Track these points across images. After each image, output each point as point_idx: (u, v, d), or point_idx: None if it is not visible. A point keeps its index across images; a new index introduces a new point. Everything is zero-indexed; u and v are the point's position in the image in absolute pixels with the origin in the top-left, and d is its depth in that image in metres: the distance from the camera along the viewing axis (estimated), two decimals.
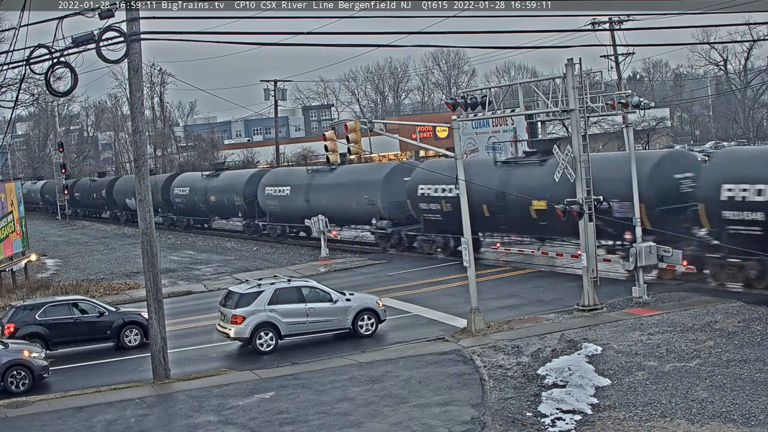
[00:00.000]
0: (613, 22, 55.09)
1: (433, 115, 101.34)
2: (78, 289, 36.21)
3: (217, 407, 18.95)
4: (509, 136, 50.54)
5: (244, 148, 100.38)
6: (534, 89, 27.28)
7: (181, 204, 62.48)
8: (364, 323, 25.12)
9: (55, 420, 19.02)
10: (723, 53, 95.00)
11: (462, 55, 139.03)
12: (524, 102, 27.18)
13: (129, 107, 29.60)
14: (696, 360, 19.24)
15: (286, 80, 75.92)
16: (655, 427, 15.54)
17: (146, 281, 22.08)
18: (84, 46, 19.97)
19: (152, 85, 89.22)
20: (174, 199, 63.02)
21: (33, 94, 47.96)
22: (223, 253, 48.22)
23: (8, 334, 24.83)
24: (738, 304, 24.31)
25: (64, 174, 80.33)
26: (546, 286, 30.79)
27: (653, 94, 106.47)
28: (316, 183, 46.84)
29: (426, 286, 32.87)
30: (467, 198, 25.03)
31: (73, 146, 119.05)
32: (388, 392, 18.99)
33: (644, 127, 73.06)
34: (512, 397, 18.05)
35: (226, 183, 56.68)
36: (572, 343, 21.31)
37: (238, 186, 54.41)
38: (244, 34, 29.62)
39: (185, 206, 61.94)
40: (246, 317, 23.96)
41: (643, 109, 27.14)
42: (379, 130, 28.01)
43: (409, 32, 23.64)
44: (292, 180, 49.65)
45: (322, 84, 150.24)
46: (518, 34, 50.25)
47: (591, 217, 25.40)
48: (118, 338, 26.06)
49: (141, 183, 22.04)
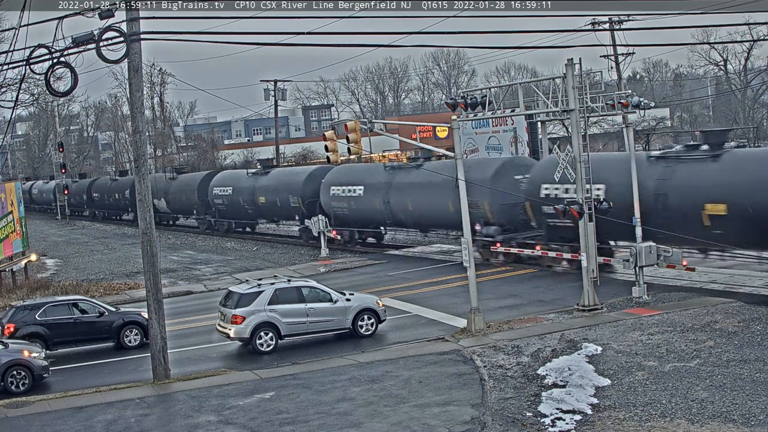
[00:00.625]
0: (613, 22, 55.09)
1: (433, 115, 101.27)
2: (78, 289, 36.22)
3: (217, 407, 18.95)
4: (509, 136, 50.52)
5: (244, 148, 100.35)
6: (534, 89, 27.29)
7: (221, 205, 56.92)
8: (364, 323, 25.13)
9: (55, 420, 19.02)
10: (723, 53, 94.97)
11: (462, 55, 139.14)
12: (524, 102, 27.19)
13: (129, 107, 29.62)
14: (696, 360, 19.23)
15: (286, 80, 75.96)
16: (655, 427, 15.54)
17: (146, 281, 22.07)
18: (84, 46, 19.97)
19: (152, 85, 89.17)
20: (213, 200, 57.55)
21: (33, 94, 47.97)
22: (223, 253, 48.22)
23: (8, 334, 24.84)
24: (738, 304, 24.32)
25: (63, 174, 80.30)
26: (546, 286, 30.79)
27: (653, 94, 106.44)
28: (398, 182, 41.55)
29: (426, 286, 32.88)
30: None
31: (73, 146, 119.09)
32: (388, 392, 18.99)
33: (644, 127, 73.05)
34: (512, 397, 18.04)
35: (278, 182, 50.84)
36: (572, 343, 21.31)
37: (295, 185, 48.75)
38: (244, 34, 29.62)
39: (227, 208, 56.39)
40: (246, 317, 23.96)
41: (643, 109, 27.18)
42: (379, 130, 28.01)
43: (409, 32, 23.66)
44: (366, 178, 44.13)
45: (322, 84, 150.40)
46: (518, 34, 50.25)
47: (591, 217, 25.41)
48: (118, 338, 26.07)
49: (141, 183, 22.02)
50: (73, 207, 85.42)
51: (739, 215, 25.84)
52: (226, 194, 55.97)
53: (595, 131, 65.19)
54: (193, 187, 60.19)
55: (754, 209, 25.46)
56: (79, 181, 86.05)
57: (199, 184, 59.57)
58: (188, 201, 61.40)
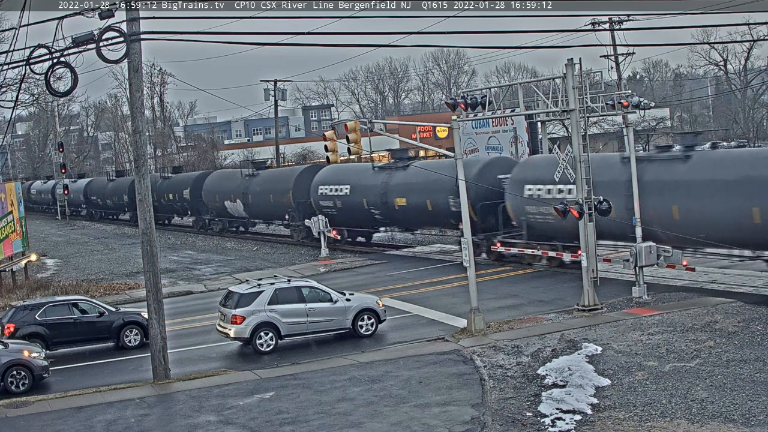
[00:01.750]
0: (613, 22, 55.16)
1: (433, 115, 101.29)
2: (78, 289, 36.21)
3: (217, 407, 18.95)
4: (509, 136, 50.55)
5: (244, 148, 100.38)
6: (534, 89, 27.30)
7: (331, 209, 45.48)
8: (364, 323, 25.12)
9: (55, 420, 19.02)
10: (723, 53, 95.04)
11: (462, 55, 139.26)
12: (524, 102, 27.20)
13: (129, 107, 29.64)
14: (696, 360, 19.24)
15: (286, 80, 75.90)
16: (655, 427, 15.54)
17: (146, 281, 22.07)
18: (84, 46, 19.97)
19: (152, 85, 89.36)
20: (319, 202, 46.41)
21: (33, 94, 48.02)
22: (223, 253, 48.21)
23: (8, 334, 24.83)
24: (738, 304, 24.32)
25: (64, 174, 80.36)
26: (546, 286, 30.79)
27: (653, 94, 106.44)
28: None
29: (426, 286, 32.88)
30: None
31: (73, 146, 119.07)
32: (388, 392, 18.99)
33: (644, 127, 73.06)
34: (512, 397, 18.04)
35: (424, 178, 38.17)
36: (572, 343, 21.32)
37: (448, 184, 34.82)
38: (244, 34, 29.58)
39: (338, 212, 45.06)
40: (246, 317, 23.96)
41: (643, 109, 27.20)
42: (379, 130, 28.00)
43: (409, 32, 23.67)
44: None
45: (322, 84, 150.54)
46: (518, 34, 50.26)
47: (591, 217, 25.42)
48: (118, 338, 26.06)
49: (141, 183, 22.02)
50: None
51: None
52: (341, 195, 44.95)
53: (595, 131, 65.20)
54: (285, 185, 49.35)
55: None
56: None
57: (297, 181, 48.79)
58: (278, 202, 50.23)
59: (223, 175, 59.88)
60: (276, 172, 54.96)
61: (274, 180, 51.97)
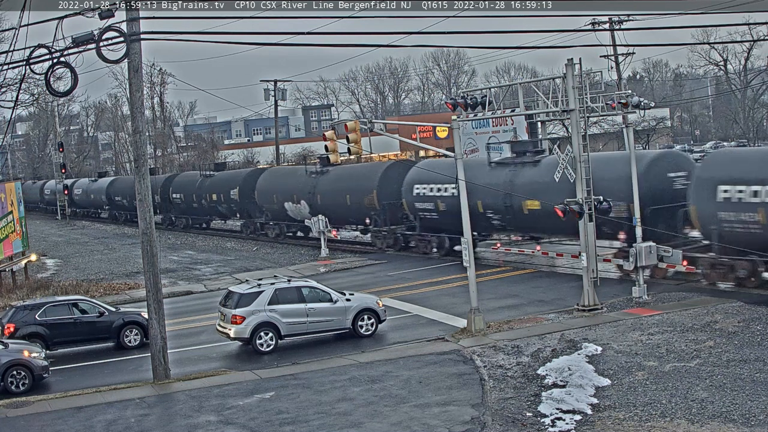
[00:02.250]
0: (613, 22, 55.17)
1: (433, 115, 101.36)
2: (78, 289, 36.21)
3: (217, 407, 18.95)
4: (509, 136, 50.51)
5: (244, 148, 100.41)
6: (534, 89, 27.28)
7: (430, 213, 39.15)
8: (364, 323, 25.12)
9: (55, 420, 19.02)
10: (723, 53, 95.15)
11: (462, 55, 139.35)
12: (524, 102, 27.18)
13: (129, 107, 29.63)
14: (696, 360, 19.24)
15: (286, 80, 75.91)
16: (655, 427, 15.54)
17: (146, 281, 22.07)
18: (84, 46, 19.96)
19: (152, 85, 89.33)
20: (414, 204, 39.97)
21: (33, 94, 47.99)
22: (222, 253, 48.21)
23: (8, 334, 24.83)
24: (738, 304, 24.31)
25: (63, 174, 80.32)
26: (546, 286, 30.80)
27: (653, 94, 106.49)
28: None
29: (426, 286, 32.87)
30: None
31: (73, 146, 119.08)
32: (388, 392, 18.99)
33: (644, 127, 73.10)
34: (512, 397, 18.05)
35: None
36: (572, 343, 21.32)
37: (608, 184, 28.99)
38: (244, 34, 29.61)
39: (440, 216, 38.48)
40: (246, 317, 23.96)
41: (643, 109, 27.16)
42: (379, 130, 28.01)
43: (409, 32, 23.66)
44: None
45: (322, 84, 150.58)
46: (518, 34, 50.24)
47: (591, 217, 25.41)
48: (118, 338, 26.06)
49: (141, 183, 22.02)
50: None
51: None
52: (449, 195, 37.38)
53: (595, 131, 65.25)
54: (373, 184, 42.93)
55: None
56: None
57: (382, 176, 42.83)
58: (357, 205, 44.33)
59: (282, 173, 53.61)
60: (353, 169, 47.48)
61: (351, 178, 44.99)
